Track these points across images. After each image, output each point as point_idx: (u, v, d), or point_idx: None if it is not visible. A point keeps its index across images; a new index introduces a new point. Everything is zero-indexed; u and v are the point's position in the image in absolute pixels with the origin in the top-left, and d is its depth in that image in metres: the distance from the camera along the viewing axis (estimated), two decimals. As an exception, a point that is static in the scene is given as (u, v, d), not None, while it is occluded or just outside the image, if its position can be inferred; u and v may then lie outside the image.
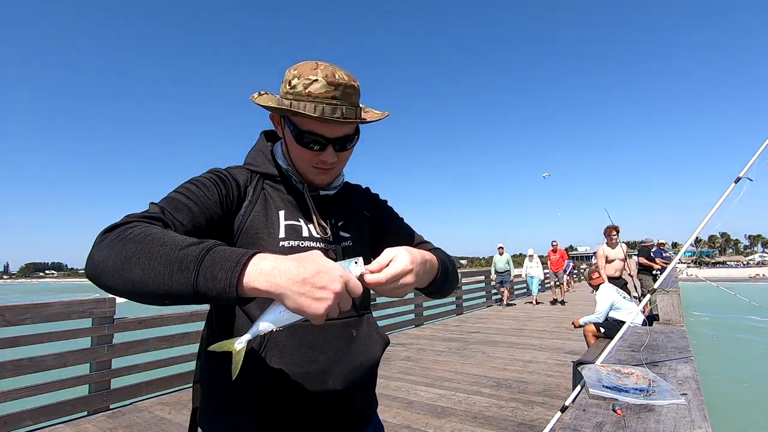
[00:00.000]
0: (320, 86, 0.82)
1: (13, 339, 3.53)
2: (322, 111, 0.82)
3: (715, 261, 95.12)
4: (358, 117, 0.87)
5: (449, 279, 0.95)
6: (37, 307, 3.71)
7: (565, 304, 12.03)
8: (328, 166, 0.91)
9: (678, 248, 5.38)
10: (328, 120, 0.83)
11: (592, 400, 1.53)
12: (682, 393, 1.58)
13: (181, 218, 0.77)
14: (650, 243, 9.30)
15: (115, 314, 4.18)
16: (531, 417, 3.51)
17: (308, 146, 0.88)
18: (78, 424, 3.67)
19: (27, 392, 3.52)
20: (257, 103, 0.88)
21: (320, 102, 0.82)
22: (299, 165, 0.93)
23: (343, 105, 0.84)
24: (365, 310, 1.02)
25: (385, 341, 1.03)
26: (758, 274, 44.51)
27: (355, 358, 0.93)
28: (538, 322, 8.95)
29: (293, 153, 0.92)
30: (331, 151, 0.88)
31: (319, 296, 0.59)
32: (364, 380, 0.96)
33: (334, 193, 1.01)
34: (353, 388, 0.92)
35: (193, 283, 0.59)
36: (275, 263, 0.60)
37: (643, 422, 1.33)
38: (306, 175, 0.94)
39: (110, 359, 4.08)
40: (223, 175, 0.91)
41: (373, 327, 1.02)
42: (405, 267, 0.72)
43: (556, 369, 5.05)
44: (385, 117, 0.93)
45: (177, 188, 0.84)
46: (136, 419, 3.74)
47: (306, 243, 0.91)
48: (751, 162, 2.05)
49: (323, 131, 0.86)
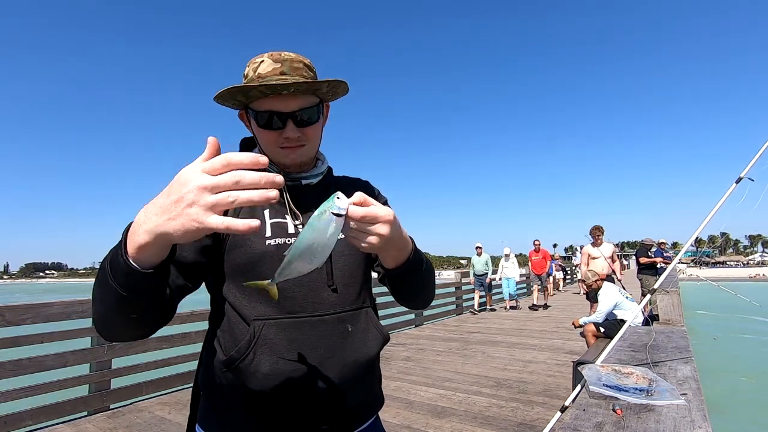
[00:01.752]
0: (267, 65, 0.86)
1: (13, 339, 3.53)
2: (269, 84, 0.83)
3: (715, 261, 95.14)
4: (310, 87, 0.86)
5: (423, 272, 0.89)
6: (37, 307, 3.71)
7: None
8: (293, 143, 0.89)
9: (678, 248, 5.38)
10: (277, 89, 0.83)
11: (592, 400, 1.53)
12: (682, 393, 1.58)
13: None
14: (649, 242, 9.31)
15: (115, 314, 4.18)
16: (531, 417, 3.51)
17: (269, 126, 0.87)
18: (78, 424, 3.67)
19: (27, 392, 3.52)
20: (215, 100, 0.89)
21: (270, 80, 0.85)
22: (269, 151, 0.92)
23: (290, 76, 0.86)
24: (364, 303, 0.98)
25: (384, 337, 1.00)
26: (758, 274, 44.51)
27: (349, 354, 0.91)
28: (538, 322, 8.95)
29: (261, 141, 0.92)
30: (292, 126, 0.87)
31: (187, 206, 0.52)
32: (360, 377, 0.93)
33: (317, 181, 0.98)
34: (348, 386, 0.90)
35: (111, 279, 0.61)
36: (143, 213, 0.57)
37: (643, 422, 1.33)
38: (277, 159, 0.93)
39: (110, 359, 4.08)
40: None
41: (372, 322, 0.98)
42: (386, 214, 0.68)
43: (556, 369, 5.05)
44: (342, 84, 0.89)
45: None
46: (136, 419, 3.74)
47: (293, 240, 0.89)
48: (753, 162, 2.05)
49: (279, 106, 0.86)
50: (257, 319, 0.84)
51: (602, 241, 7.36)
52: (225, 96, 0.87)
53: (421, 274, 0.88)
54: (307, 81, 0.84)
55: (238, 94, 0.86)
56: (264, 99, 0.86)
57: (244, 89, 0.84)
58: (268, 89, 0.83)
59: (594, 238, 7.31)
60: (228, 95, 0.87)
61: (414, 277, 0.87)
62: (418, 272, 0.87)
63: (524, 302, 12.75)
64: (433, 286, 0.98)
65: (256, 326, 0.84)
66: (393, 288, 0.93)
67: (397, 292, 0.95)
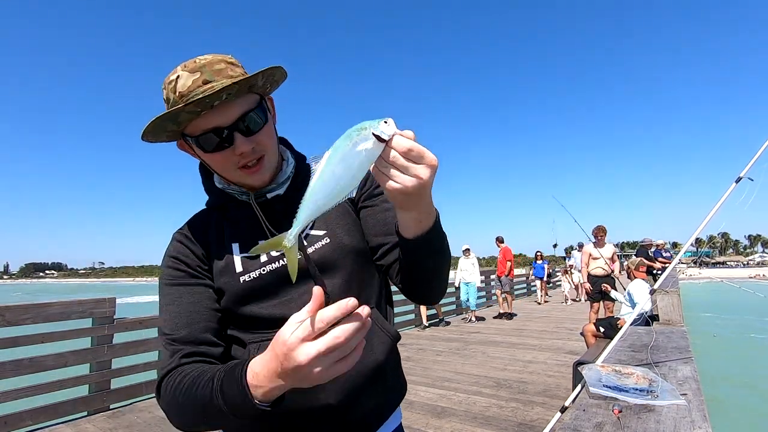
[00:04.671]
0: (184, 80, 0.74)
1: (13, 339, 3.54)
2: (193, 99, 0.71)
3: (715, 261, 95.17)
4: (244, 86, 0.74)
5: (443, 250, 0.77)
6: (37, 307, 3.72)
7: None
8: (249, 157, 0.78)
9: (678, 248, 5.37)
10: (207, 102, 0.71)
11: (592, 401, 1.53)
12: (682, 393, 1.58)
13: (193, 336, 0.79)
14: (649, 243, 9.31)
15: (115, 314, 4.18)
16: (531, 417, 3.51)
17: (215, 147, 0.76)
18: (78, 424, 3.67)
19: (27, 392, 3.52)
20: (145, 139, 0.78)
21: (195, 95, 0.72)
22: (228, 176, 0.83)
23: (217, 82, 0.74)
24: (366, 303, 0.89)
25: (393, 336, 0.91)
26: (758, 275, 44.54)
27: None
28: (538, 323, 8.95)
29: (215, 167, 0.82)
30: (241, 139, 0.76)
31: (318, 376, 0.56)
32: (366, 386, 0.86)
33: (285, 190, 0.88)
34: (352, 398, 0.83)
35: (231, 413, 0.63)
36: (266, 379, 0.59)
37: (643, 422, 1.33)
38: (240, 182, 0.84)
39: (110, 359, 4.08)
40: (175, 262, 0.85)
41: (378, 323, 0.89)
42: (432, 156, 0.58)
43: (556, 369, 5.05)
44: (278, 69, 0.77)
45: (160, 310, 0.83)
46: (136, 419, 3.74)
47: (268, 268, 0.83)
48: (752, 162, 2.05)
49: (217, 121, 0.74)
50: (252, 342, 0.82)
51: (605, 242, 7.32)
52: (154, 131, 0.76)
53: (442, 252, 0.77)
54: (237, 81, 0.71)
55: (167, 124, 0.74)
56: (197, 119, 0.74)
57: (171, 116, 0.72)
58: (198, 106, 0.71)
59: (596, 238, 7.27)
60: (156, 130, 0.75)
61: (433, 254, 0.76)
62: (439, 248, 0.76)
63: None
64: (447, 275, 0.86)
65: (251, 348, 0.81)
66: (406, 270, 0.82)
67: (409, 275, 0.82)
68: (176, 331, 0.78)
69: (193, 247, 0.86)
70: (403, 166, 0.56)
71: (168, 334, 0.79)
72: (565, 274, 13.41)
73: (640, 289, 4.87)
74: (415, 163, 0.57)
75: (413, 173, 0.57)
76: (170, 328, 0.79)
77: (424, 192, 0.61)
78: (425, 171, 0.57)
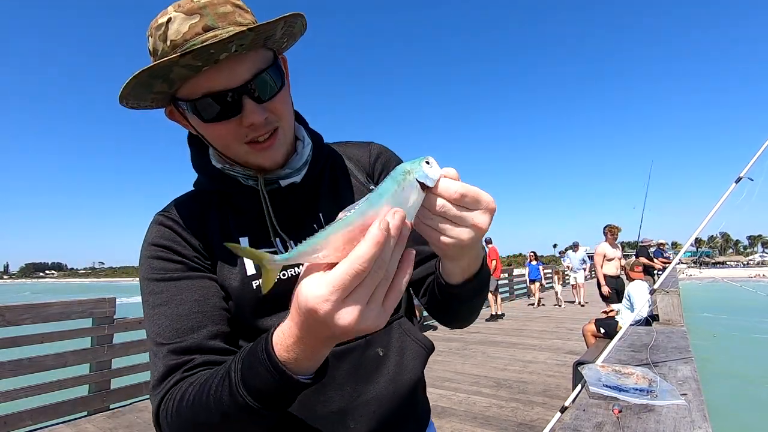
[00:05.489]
0: (179, 23, 0.57)
1: (13, 339, 3.54)
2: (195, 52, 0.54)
3: (715, 261, 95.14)
4: (259, 36, 0.57)
5: (487, 282, 0.67)
6: (37, 307, 3.72)
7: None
8: (261, 130, 0.62)
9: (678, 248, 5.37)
10: (211, 54, 0.54)
11: (592, 401, 1.53)
12: (682, 393, 1.58)
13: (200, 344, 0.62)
14: (648, 243, 9.29)
15: (115, 314, 4.18)
16: (531, 417, 3.51)
17: (217, 116, 0.60)
18: (78, 424, 3.67)
19: (27, 392, 3.52)
20: (123, 103, 0.60)
21: (193, 44, 0.56)
22: (232, 152, 0.65)
23: (222, 29, 0.57)
24: (396, 313, 0.77)
25: (427, 348, 0.78)
26: (758, 275, 44.52)
27: (386, 386, 0.71)
28: (538, 323, 8.95)
29: (216, 142, 0.65)
30: (252, 105, 0.59)
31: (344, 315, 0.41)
32: (403, 409, 0.73)
33: (302, 177, 0.71)
34: (387, 424, 0.71)
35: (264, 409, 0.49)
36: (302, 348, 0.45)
37: (643, 422, 1.33)
38: (247, 161, 0.66)
39: (110, 359, 4.08)
40: (164, 251, 0.66)
41: (409, 334, 0.77)
42: (489, 198, 0.47)
43: (556, 369, 5.05)
44: (299, 18, 0.60)
45: (148, 313, 0.65)
46: (136, 419, 3.74)
47: (288, 272, 0.68)
48: (752, 162, 2.05)
49: (222, 81, 0.57)
50: None
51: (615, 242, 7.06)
52: (136, 92, 0.58)
53: (484, 289, 0.68)
54: (252, 28, 0.54)
55: (154, 81, 0.57)
56: (195, 78, 0.57)
57: (160, 69, 0.54)
58: (197, 59, 0.54)
59: (612, 236, 7.01)
60: (139, 90, 0.58)
61: (477, 294, 0.66)
62: (484, 287, 0.66)
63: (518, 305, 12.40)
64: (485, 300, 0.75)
65: None
66: (445, 308, 0.71)
67: (446, 311, 0.72)
68: (177, 339, 0.61)
69: (185, 234, 0.67)
70: (457, 217, 0.46)
71: (165, 343, 0.61)
72: (557, 275, 12.76)
73: (639, 291, 4.86)
74: (470, 210, 0.47)
75: (470, 222, 0.47)
76: (168, 336, 0.61)
77: (477, 243, 0.51)
78: (484, 218, 0.47)
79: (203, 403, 0.52)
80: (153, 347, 0.62)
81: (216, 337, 0.63)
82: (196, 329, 0.62)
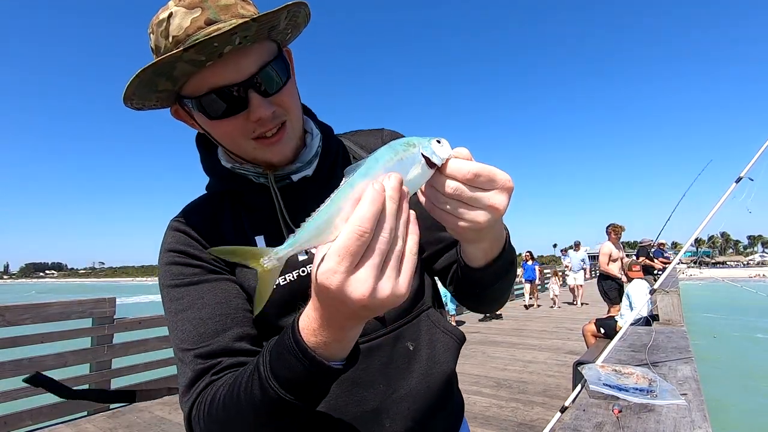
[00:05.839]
0: (181, 18, 0.55)
1: (13, 339, 3.54)
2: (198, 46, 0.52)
3: (715, 261, 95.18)
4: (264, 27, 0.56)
5: (514, 262, 0.65)
6: (37, 307, 3.72)
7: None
8: (268, 124, 0.60)
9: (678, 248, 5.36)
10: (214, 48, 0.52)
11: (592, 400, 1.53)
12: (682, 393, 1.58)
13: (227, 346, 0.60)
14: (648, 243, 9.27)
15: (115, 314, 4.18)
16: (531, 417, 3.51)
17: (224, 112, 0.58)
18: (78, 424, 3.67)
19: (27, 392, 3.52)
20: (128, 104, 0.59)
21: (196, 39, 0.55)
22: (240, 149, 0.64)
23: (225, 22, 0.56)
24: (423, 304, 0.74)
25: (458, 339, 0.76)
26: (758, 275, 44.53)
27: (419, 381, 0.69)
28: (538, 323, 8.95)
29: (223, 140, 0.64)
30: (258, 99, 0.58)
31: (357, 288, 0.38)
32: (438, 404, 0.71)
33: (313, 169, 0.70)
34: (423, 420, 0.69)
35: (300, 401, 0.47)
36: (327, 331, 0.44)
37: (643, 422, 1.33)
38: (255, 157, 0.65)
39: (110, 359, 4.08)
40: (182, 257, 0.66)
41: (438, 325, 0.75)
42: (506, 176, 0.45)
43: (556, 369, 5.05)
44: (302, 6, 0.58)
45: (171, 320, 0.64)
46: (136, 419, 3.74)
47: (308, 268, 0.66)
48: (752, 162, 2.05)
49: (227, 76, 0.56)
50: None
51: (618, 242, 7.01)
52: (140, 91, 0.57)
53: (511, 270, 0.65)
54: (256, 18, 0.53)
55: (157, 79, 0.56)
56: (200, 73, 0.56)
57: (164, 66, 0.53)
58: (201, 53, 0.52)
59: (616, 235, 6.97)
60: (143, 89, 0.57)
61: (503, 276, 0.63)
62: (510, 267, 0.63)
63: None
64: (512, 285, 0.73)
65: None
66: (471, 293, 0.69)
67: (474, 297, 0.70)
68: (204, 343, 0.59)
69: (200, 237, 0.67)
70: (472, 198, 0.44)
71: (191, 348, 0.59)
72: (555, 276, 12.43)
73: (638, 290, 4.86)
74: (485, 191, 0.44)
75: (486, 204, 0.44)
76: (193, 341, 0.60)
77: (496, 224, 0.48)
78: (501, 198, 0.45)
79: (234, 402, 0.51)
80: (179, 354, 0.61)
81: (242, 339, 0.61)
82: (221, 332, 0.60)
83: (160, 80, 0.56)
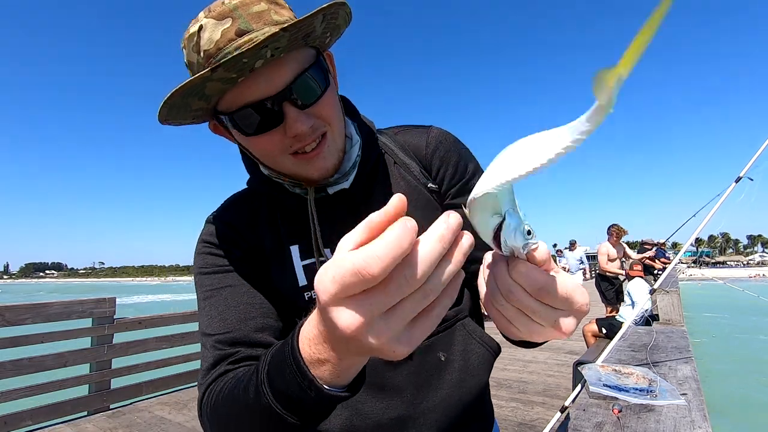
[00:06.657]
0: (211, 31, 0.52)
1: (13, 339, 3.53)
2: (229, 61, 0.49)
3: (715, 261, 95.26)
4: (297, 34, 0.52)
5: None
6: (37, 307, 3.71)
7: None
8: (307, 139, 0.57)
9: (678, 248, 5.36)
10: (245, 63, 0.49)
11: (592, 400, 1.53)
12: (682, 393, 1.58)
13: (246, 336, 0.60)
14: (650, 243, 9.27)
15: (115, 314, 4.18)
16: (531, 417, 3.51)
17: (258, 128, 0.56)
18: (78, 424, 3.67)
19: (27, 392, 3.52)
20: (163, 122, 0.57)
21: (228, 53, 0.52)
22: (279, 165, 0.62)
23: (257, 31, 0.53)
24: (459, 314, 0.71)
25: (493, 350, 0.72)
26: (758, 274, 44.53)
27: (451, 392, 0.67)
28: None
29: (262, 156, 0.61)
30: (294, 113, 0.54)
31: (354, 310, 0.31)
32: (468, 417, 0.69)
33: (351, 182, 0.65)
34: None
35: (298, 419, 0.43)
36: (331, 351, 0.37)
37: (643, 422, 1.33)
38: (295, 173, 0.62)
39: (110, 359, 4.07)
40: (214, 248, 0.67)
41: (474, 336, 0.71)
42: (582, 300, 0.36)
43: (556, 369, 5.05)
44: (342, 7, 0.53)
45: (200, 306, 0.65)
46: (136, 419, 3.73)
47: None
48: (752, 161, 2.05)
49: (260, 90, 0.53)
50: None
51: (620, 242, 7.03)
52: (174, 112, 0.55)
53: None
54: (285, 27, 0.48)
55: (190, 99, 0.53)
56: (233, 89, 0.53)
57: (194, 88, 0.51)
58: (230, 70, 0.49)
59: (616, 236, 6.97)
60: (177, 109, 0.55)
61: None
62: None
63: None
64: None
65: None
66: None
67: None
68: (224, 330, 0.60)
69: (236, 232, 0.67)
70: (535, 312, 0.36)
71: (213, 334, 0.60)
72: None
73: (639, 289, 4.86)
74: (555, 309, 0.36)
75: (550, 322, 0.36)
76: (215, 327, 0.60)
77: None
78: (570, 322, 0.37)
79: (233, 398, 0.50)
80: (202, 338, 0.62)
81: (263, 330, 0.61)
82: (243, 320, 0.61)
83: (193, 100, 0.54)
